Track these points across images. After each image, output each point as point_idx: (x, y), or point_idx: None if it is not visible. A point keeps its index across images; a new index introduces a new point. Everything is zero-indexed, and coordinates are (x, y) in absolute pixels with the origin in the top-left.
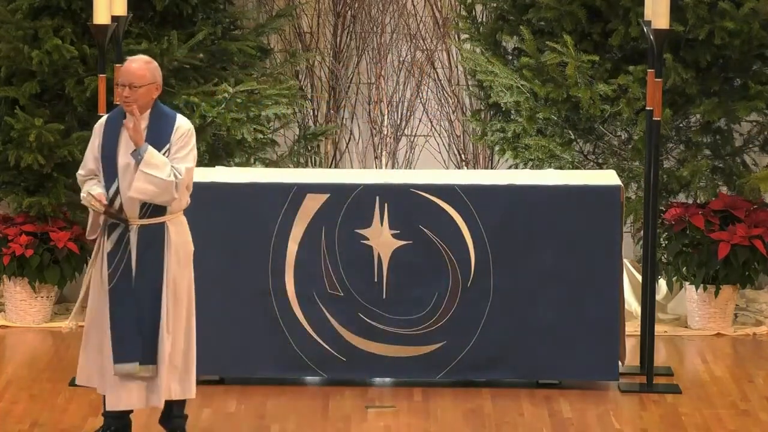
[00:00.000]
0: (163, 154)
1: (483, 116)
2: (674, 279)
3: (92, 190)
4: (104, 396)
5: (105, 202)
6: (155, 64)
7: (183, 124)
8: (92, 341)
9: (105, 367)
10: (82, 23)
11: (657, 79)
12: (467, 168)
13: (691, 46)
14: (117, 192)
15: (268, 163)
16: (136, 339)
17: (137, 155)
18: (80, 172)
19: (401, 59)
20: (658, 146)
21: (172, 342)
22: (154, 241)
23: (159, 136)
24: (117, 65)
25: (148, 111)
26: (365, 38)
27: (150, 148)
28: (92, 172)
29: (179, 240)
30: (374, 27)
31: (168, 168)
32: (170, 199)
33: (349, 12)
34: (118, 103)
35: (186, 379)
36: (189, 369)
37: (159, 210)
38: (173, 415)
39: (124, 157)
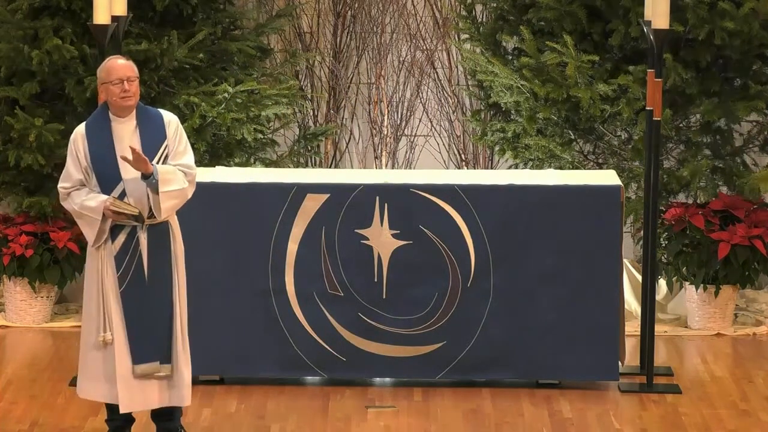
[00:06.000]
0: (162, 151)
1: (483, 116)
2: (674, 279)
3: (101, 198)
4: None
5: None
6: None
7: (172, 119)
8: (95, 350)
9: (115, 370)
10: (82, 23)
11: (657, 79)
12: (467, 168)
13: (691, 46)
14: (123, 193)
15: (268, 163)
16: (153, 338)
17: (152, 181)
18: (64, 185)
19: (401, 59)
20: (658, 146)
21: (181, 340)
22: (163, 239)
23: (154, 134)
24: None
25: (134, 111)
26: (365, 38)
27: (158, 167)
28: (80, 182)
29: (179, 238)
30: (374, 27)
31: (179, 174)
32: (189, 197)
33: (349, 12)
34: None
35: (188, 384)
36: (189, 372)
37: None
38: (174, 416)
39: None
